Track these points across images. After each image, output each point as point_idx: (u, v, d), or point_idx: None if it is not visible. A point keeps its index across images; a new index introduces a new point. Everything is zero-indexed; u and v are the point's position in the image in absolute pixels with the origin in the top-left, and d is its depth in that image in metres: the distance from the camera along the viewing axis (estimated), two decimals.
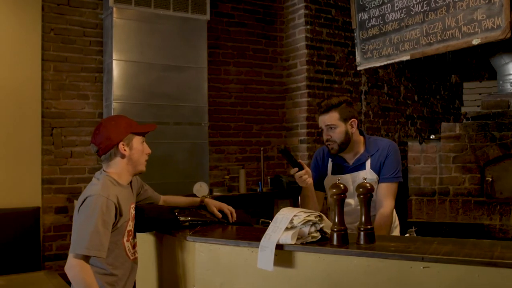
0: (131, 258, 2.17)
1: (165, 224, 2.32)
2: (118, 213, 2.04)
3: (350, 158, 2.58)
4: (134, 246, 2.21)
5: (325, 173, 2.65)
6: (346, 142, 2.51)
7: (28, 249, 3.89)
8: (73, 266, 1.92)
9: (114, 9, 4.10)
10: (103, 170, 2.15)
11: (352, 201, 2.57)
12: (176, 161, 4.32)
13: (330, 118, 2.50)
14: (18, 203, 3.90)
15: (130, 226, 2.15)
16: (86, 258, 1.93)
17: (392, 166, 2.49)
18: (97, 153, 2.13)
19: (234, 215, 2.49)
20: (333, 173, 2.61)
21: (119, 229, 2.07)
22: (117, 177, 2.12)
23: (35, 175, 4.05)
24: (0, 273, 3.64)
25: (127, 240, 2.13)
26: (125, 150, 2.10)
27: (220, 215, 2.47)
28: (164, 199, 2.52)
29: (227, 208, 2.49)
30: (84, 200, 2.00)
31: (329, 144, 2.53)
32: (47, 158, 4.13)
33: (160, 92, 4.28)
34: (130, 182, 2.22)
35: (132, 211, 2.17)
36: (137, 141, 2.15)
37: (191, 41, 4.44)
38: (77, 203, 2.06)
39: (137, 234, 2.38)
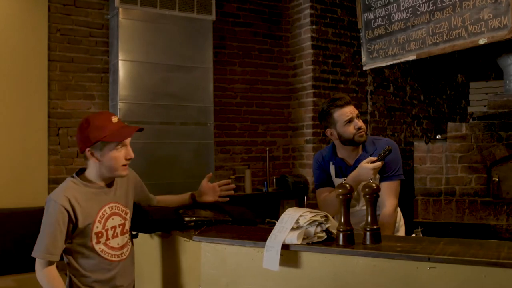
0: (115, 259, 2.09)
1: (170, 225, 2.32)
2: (73, 216, 1.96)
3: (350, 160, 2.57)
4: (121, 248, 2.12)
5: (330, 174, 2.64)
6: None
7: None
8: (36, 269, 1.95)
9: (120, 9, 4.11)
10: (79, 170, 2.11)
11: (356, 202, 2.56)
12: (182, 161, 4.32)
13: (355, 109, 2.53)
14: (24, 203, 3.91)
15: (99, 228, 2.03)
16: (48, 261, 1.94)
17: (392, 164, 2.48)
18: None
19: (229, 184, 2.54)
20: (337, 175, 2.60)
21: (82, 232, 2.00)
22: (93, 177, 2.07)
23: (41, 175, 4.06)
24: (6, 272, 3.65)
25: (97, 242, 2.03)
26: (93, 156, 2.02)
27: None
28: (158, 200, 2.47)
29: (217, 184, 2.53)
30: None
31: (362, 132, 2.49)
32: (53, 158, 4.14)
33: (165, 92, 4.29)
34: (114, 183, 2.15)
35: (107, 212, 2.08)
36: (110, 147, 2.02)
37: (196, 41, 4.44)
38: None
39: (143, 234, 2.38)
